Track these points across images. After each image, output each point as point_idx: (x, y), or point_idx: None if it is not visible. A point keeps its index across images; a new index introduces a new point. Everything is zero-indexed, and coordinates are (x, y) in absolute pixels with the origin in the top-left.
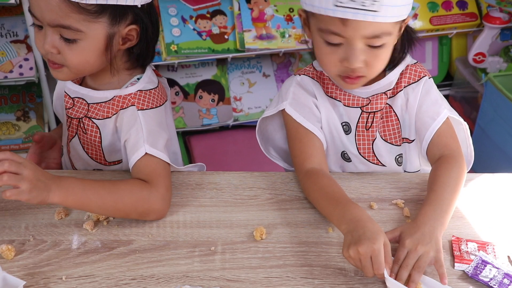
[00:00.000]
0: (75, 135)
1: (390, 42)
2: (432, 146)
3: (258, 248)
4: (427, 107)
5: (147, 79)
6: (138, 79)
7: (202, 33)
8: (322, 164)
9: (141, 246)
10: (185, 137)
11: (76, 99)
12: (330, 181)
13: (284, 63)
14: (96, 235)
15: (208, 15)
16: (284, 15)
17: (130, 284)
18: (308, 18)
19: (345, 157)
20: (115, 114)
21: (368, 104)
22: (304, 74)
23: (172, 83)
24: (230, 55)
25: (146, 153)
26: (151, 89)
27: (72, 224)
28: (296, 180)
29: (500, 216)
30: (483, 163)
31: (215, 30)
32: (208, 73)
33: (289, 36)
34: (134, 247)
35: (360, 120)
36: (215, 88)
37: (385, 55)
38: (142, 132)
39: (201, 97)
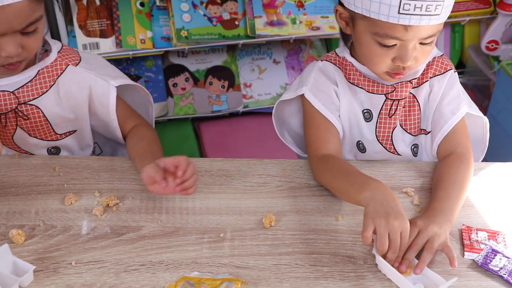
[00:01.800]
0: (16, 128)
1: (436, 36)
2: (445, 141)
3: (267, 235)
4: (449, 100)
5: (52, 41)
6: (43, 46)
7: (213, 19)
8: (338, 151)
9: (150, 232)
10: (195, 123)
11: None
12: (347, 163)
13: (295, 50)
14: (106, 220)
15: (219, 1)
16: (295, 1)
17: (139, 270)
18: (353, 19)
19: (360, 147)
20: (52, 85)
21: (393, 91)
22: (326, 60)
23: (182, 69)
24: (241, 41)
25: (117, 95)
26: (62, 45)
27: (81, 210)
28: (306, 167)
29: (511, 205)
30: (494, 152)
31: (226, 16)
32: (218, 59)
33: (300, 22)
34: (143, 233)
35: (383, 107)
36: (225, 75)
37: (431, 49)
38: (99, 77)
39: (211, 83)
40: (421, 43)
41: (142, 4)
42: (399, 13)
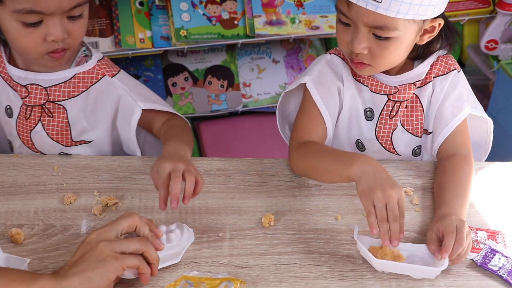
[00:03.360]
0: (38, 123)
1: (401, 37)
2: (447, 142)
3: (266, 234)
4: (451, 101)
5: (93, 50)
6: (84, 51)
7: (212, 19)
8: (323, 143)
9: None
10: (194, 122)
11: (30, 86)
12: (329, 146)
13: (294, 49)
14: (105, 220)
15: (218, 0)
16: (294, 1)
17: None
18: None
19: (358, 146)
20: (83, 91)
21: (396, 92)
22: (335, 54)
23: (181, 68)
24: (240, 41)
25: (142, 110)
26: (104, 56)
27: (80, 209)
28: None
29: (511, 205)
30: (494, 152)
31: (225, 16)
32: (218, 59)
33: (299, 22)
34: None
35: (385, 108)
36: (224, 74)
37: (392, 49)
38: (129, 95)
39: (210, 83)
40: (375, 35)
41: (141, 4)
42: None
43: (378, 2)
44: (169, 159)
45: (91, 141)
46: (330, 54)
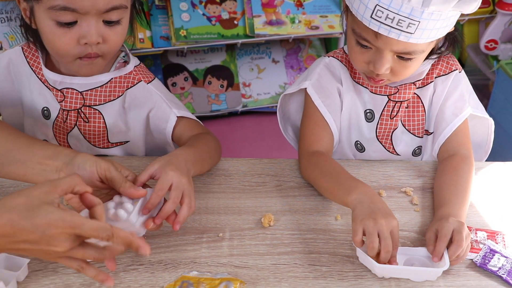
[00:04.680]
0: (74, 127)
1: (423, 55)
2: (448, 142)
3: (266, 235)
4: (452, 102)
5: (131, 56)
6: (124, 57)
7: (212, 18)
8: (329, 151)
9: (148, 232)
10: None
11: (65, 90)
12: (337, 163)
13: (294, 49)
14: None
15: (218, 0)
16: (294, 1)
17: (138, 269)
18: (347, 11)
19: (358, 147)
20: (120, 96)
21: (396, 93)
22: (333, 57)
23: (181, 68)
24: (240, 41)
25: (177, 116)
26: (140, 62)
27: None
28: None
29: (511, 205)
30: (494, 152)
31: (225, 16)
32: (217, 59)
33: (299, 22)
34: None
35: (385, 108)
36: (224, 74)
37: (414, 66)
38: (164, 101)
39: (210, 83)
40: (399, 57)
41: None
42: (371, 17)
43: (411, 33)
44: (175, 169)
45: (127, 142)
46: (328, 57)
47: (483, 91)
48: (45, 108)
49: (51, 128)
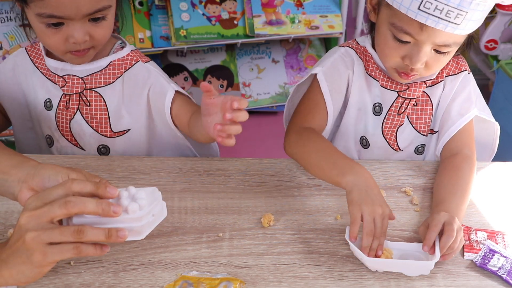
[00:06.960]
0: (76, 111)
1: (454, 50)
2: (451, 142)
3: (266, 234)
4: (459, 102)
5: (127, 42)
6: (121, 43)
7: (212, 18)
8: (321, 130)
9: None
10: None
11: (67, 76)
12: (328, 141)
13: (294, 49)
14: None
15: (218, 0)
16: (294, 1)
17: (138, 269)
18: (379, 5)
19: (363, 143)
20: (118, 77)
21: (406, 90)
22: (348, 47)
23: (181, 68)
24: (240, 41)
25: (175, 91)
26: (136, 48)
27: None
28: None
29: (511, 205)
30: None
31: (225, 15)
32: (217, 59)
33: (299, 22)
34: None
35: (394, 104)
36: (224, 74)
37: (446, 60)
38: (162, 77)
39: (210, 83)
40: (435, 50)
41: (141, 3)
42: (418, 8)
43: (457, 24)
44: None
45: (129, 130)
46: (344, 47)
47: (483, 91)
48: (47, 100)
49: (53, 118)
